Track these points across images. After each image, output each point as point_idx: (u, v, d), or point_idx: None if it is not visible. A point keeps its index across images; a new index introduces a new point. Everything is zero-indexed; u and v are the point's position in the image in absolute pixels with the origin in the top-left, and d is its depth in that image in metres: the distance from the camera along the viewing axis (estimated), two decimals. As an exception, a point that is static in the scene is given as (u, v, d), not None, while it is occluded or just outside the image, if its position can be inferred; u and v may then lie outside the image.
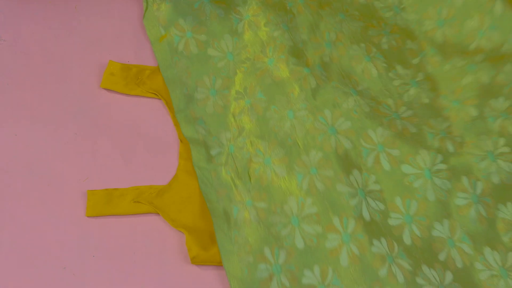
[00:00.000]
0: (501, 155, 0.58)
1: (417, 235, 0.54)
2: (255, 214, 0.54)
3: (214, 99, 0.61)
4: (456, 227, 0.55)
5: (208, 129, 0.60)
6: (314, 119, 0.59)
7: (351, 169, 0.57)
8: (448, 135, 0.60)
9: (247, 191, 0.56)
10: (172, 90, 0.62)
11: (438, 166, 0.58)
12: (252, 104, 0.61)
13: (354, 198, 0.55)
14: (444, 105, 0.62)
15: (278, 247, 0.53)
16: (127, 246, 0.54)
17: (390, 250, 0.53)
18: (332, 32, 0.66)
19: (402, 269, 0.52)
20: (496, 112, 0.61)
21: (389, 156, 0.58)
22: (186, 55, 0.64)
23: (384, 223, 0.54)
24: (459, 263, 0.53)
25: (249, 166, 0.57)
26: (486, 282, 0.52)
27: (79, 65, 0.63)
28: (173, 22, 0.65)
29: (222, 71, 0.63)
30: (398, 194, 0.56)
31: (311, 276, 0.52)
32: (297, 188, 0.56)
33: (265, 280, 0.51)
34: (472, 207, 0.56)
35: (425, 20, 0.69)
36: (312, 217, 0.54)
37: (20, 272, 0.52)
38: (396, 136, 0.59)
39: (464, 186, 0.57)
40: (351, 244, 0.53)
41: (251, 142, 0.59)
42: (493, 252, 0.54)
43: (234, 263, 0.52)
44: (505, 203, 0.56)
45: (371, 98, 0.62)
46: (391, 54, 0.65)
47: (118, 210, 0.54)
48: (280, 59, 0.63)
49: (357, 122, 0.59)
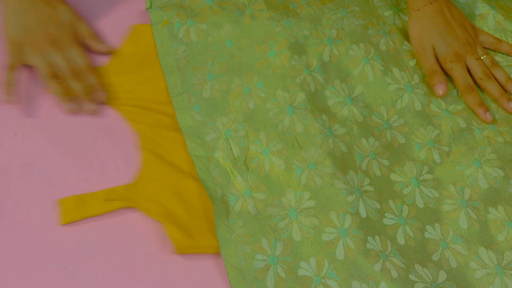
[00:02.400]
0: (488, 161, 0.60)
1: (410, 236, 0.56)
2: (253, 205, 0.55)
3: (211, 83, 0.62)
4: (448, 230, 0.56)
5: (203, 114, 0.60)
6: (313, 119, 0.60)
7: (348, 170, 0.58)
8: (436, 145, 0.61)
9: (245, 181, 0.56)
10: (169, 77, 0.63)
11: (424, 176, 0.59)
12: (251, 92, 0.62)
13: (351, 195, 0.56)
14: (436, 112, 0.64)
15: (275, 239, 0.53)
16: (128, 246, 0.54)
17: (383, 248, 0.54)
18: (333, 29, 0.67)
19: (395, 266, 0.53)
20: (484, 125, 0.63)
21: (380, 163, 0.59)
22: (185, 42, 0.64)
23: (379, 222, 0.56)
24: (453, 263, 0.54)
25: (246, 155, 0.58)
26: (481, 280, 0.54)
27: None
28: (176, 11, 0.66)
29: (220, 56, 0.64)
30: (390, 197, 0.58)
31: (307, 267, 0.52)
32: (296, 181, 0.56)
33: (262, 270, 0.52)
34: (461, 211, 0.57)
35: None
36: (310, 211, 0.55)
37: (20, 272, 0.51)
38: (386, 147, 0.61)
39: (451, 193, 0.59)
40: (347, 238, 0.54)
41: (249, 130, 0.59)
42: (488, 251, 0.55)
43: (232, 252, 0.53)
44: (495, 206, 0.58)
45: (365, 105, 0.63)
46: (388, 56, 0.67)
47: (92, 212, 0.54)
48: (282, 53, 0.64)
49: (351, 131, 0.61)
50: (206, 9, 0.67)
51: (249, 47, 0.65)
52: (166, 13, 0.66)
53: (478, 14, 0.71)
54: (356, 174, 0.58)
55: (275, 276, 0.52)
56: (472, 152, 0.61)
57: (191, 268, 0.53)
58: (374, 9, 0.71)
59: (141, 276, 0.52)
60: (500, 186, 0.59)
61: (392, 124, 0.63)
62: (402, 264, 0.53)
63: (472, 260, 0.55)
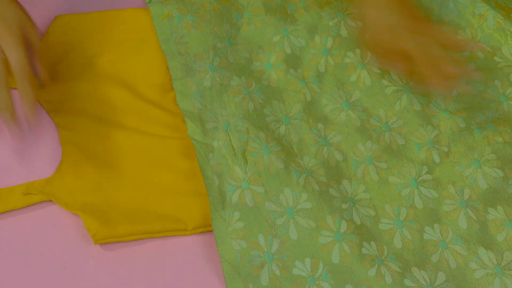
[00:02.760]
0: (487, 161, 0.60)
1: (408, 238, 0.56)
2: (251, 197, 0.55)
3: (212, 74, 0.62)
4: (448, 231, 0.56)
5: (204, 103, 0.60)
6: (308, 129, 0.61)
7: (341, 179, 0.58)
8: (435, 145, 0.62)
9: (244, 172, 0.56)
10: (170, 59, 0.63)
11: (423, 177, 0.60)
12: (251, 95, 0.62)
13: (345, 203, 0.56)
14: (435, 112, 0.64)
15: (272, 236, 0.53)
16: (128, 246, 0.54)
17: (379, 253, 0.54)
18: (330, 37, 0.67)
19: (391, 271, 0.53)
20: (483, 125, 0.63)
21: (377, 168, 0.59)
22: (186, 33, 0.64)
23: (374, 228, 0.56)
24: (452, 263, 0.55)
25: (245, 149, 0.57)
26: (481, 280, 0.54)
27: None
28: (176, 5, 0.66)
29: (221, 51, 0.64)
30: (388, 202, 0.58)
31: (302, 267, 0.52)
32: (294, 181, 0.56)
33: (257, 267, 0.52)
34: (460, 211, 0.58)
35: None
36: (307, 212, 0.55)
37: (20, 272, 0.52)
38: (384, 150, 0.61)
39: (450, 193, 0.59)
40: (343, 243, 0.54)
41: (249, 127, 0.59)
42: (487, 251, 0.55)
43: (228, 247, 0.53)
44: (495, 206, 0.58)
45: (362, 110, 0.63)
46: None
47: (8, 206, 0.54)
48: (278, 67, 0.65)
49: (347, 136, 0.61)
50: (206, 5, 0.67)
51: (247, 53, 0.65)
52: (166, 7, 0.66)
53: (478, 14, 0.71)
54: (350, 183, 0.58)
55: (270, 274, 0.52)
56: (471, 152, 0.61)
57: (184, 263, 0.54)
58: None
59: (142, 276, 0.52)
60: (500, 187, 0.59)
61: (391, 126, 0.63)
62: (398, 268, 0.53)
63: (472, 261, 0.55)
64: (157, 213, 0.54)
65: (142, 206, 0.55)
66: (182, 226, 0.54)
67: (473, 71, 0.67)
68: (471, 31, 0.71)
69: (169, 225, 0.54)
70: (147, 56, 0.64)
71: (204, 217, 0.55)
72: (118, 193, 0.55)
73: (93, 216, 0.53)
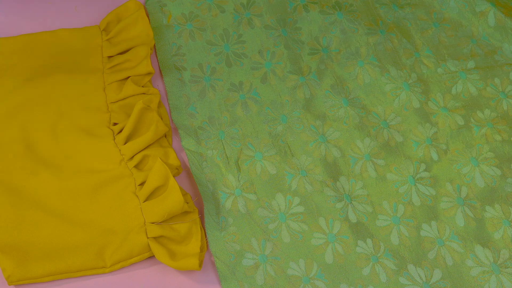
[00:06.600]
0: (485, 159, 0.61)
1: (405, 235, 0.56)
2: (243, 204, 0.56)
3: (207, 85, 0.63)
4: (445, 228, 0.57)
5: (198, 115, 0.61)
6: (305, 127, 0.61)
7: (338, 176, 0.58)
8: (434, 143, 0.62)
9: (237, 180, 0.57)
10: (166, 74, 0.63)
11: (421, 174, 0.60)
12: (247, 100, 0.63)
13: (340, 202, 0.57)
14: (433, 110, 0.64)
15: (265, 239, 0.54)
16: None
17: (375, 250, 0.54)
18: (329, 37, 0.68)
19: (386, 269, 0.53)
20: (482, 122, 0.63)
21: (375, 164, 0.60)
22: (183, 43, 0.65)
23: (371, 224, 0.56)
24: (449, 260, 0.55)
25: (238, 157, 0.58)
26: (477, 278, 0.54)
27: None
28: (175, 14, 0.66)
29: (218, 60, 0.64)
30: (385, 198, 0.58)
31: (296, 267, 0.53)
32: (286, 186, 0.57)
33: (251, 268, 0.52)
34: (458, 209, 0.58)
35: (421, 20, 0.70)
36: (299, 216, 0.56)
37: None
38: (382, 147, 0.61)
39: (447, 191, 0.59)
40: (336, 244, 0.54)
41: (242, 134, 0.60)
42: (484, 249, 0.55)
43: (222, 248, 0.53)
44: (492, 204, 0.58)
45: (361, 106, 0.63)
46: (385, 55, 0.67)
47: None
48: (278, 65, 0.65)
49: (346, 133, 0.61)
50: (206, 11, 0.67)
51: (246, 54, 0.66)
52: (165, 16, 0.66)
53: (478, 12, 0.71)
54: (347, 179, 0.58)
55: (265, 274, 0.52)
56: (469, 150, 0.61)
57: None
58: (373, 9, 0.71)
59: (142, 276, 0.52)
60: (497, 185, 0.59)
61: (390, 123, 0.63)
62: (394, 266, 0.54)
63: (468, 258, 0.55)
64: (77, 249, 0.51)
65: (62, 244, 0.51)
66: (101, 264, 0.51)
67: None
68: (471, 29, 0.70)
69: (87, 263, 0.51)
70: (81, 78, 0.61)
71: (124, 250, 0.52)
72: (41, 231, 0.52)
73: (9, 256, 0.50)
